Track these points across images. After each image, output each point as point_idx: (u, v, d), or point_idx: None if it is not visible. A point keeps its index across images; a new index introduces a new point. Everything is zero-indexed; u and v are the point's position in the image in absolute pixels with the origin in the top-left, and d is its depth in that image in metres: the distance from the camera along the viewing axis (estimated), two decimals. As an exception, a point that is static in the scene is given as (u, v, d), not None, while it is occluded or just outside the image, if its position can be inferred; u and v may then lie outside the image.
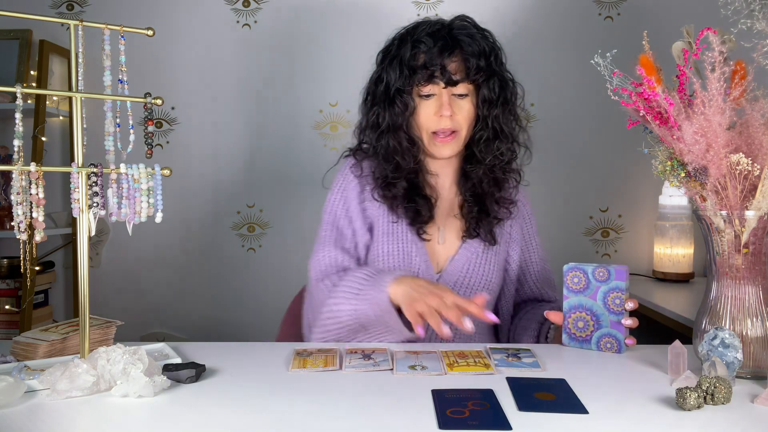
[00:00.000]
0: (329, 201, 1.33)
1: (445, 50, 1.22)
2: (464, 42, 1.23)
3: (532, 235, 1.41)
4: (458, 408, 0.82)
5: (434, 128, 1.25)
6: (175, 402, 0.85)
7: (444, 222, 1.33)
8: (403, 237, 1.28)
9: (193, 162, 2.23)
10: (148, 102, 0.94)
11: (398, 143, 1.27)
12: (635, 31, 2.10)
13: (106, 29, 0.94)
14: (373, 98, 1.30)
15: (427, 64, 1.22)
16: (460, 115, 1.25)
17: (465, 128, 1.26)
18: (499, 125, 1.27)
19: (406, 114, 1.25)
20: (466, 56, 1.23)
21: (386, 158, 1.28)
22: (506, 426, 0.76)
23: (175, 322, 2.27)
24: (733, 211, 0.94)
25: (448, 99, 1.23)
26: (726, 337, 0.90)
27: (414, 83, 1.24)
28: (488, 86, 1.25)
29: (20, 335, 1.06)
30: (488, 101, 1.26)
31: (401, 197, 1.28)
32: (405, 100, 1.25)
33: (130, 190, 0.92)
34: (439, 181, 1.34)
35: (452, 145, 1.27)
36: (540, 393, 0.88)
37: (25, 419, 0.79)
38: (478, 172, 1.30)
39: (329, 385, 0.91)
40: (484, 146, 1.29)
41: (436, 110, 1.24)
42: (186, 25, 2.22)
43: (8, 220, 2.06)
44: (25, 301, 1.95)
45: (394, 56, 1.27)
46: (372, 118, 1.29)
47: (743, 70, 0.95)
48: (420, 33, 1.26)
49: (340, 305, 1.15)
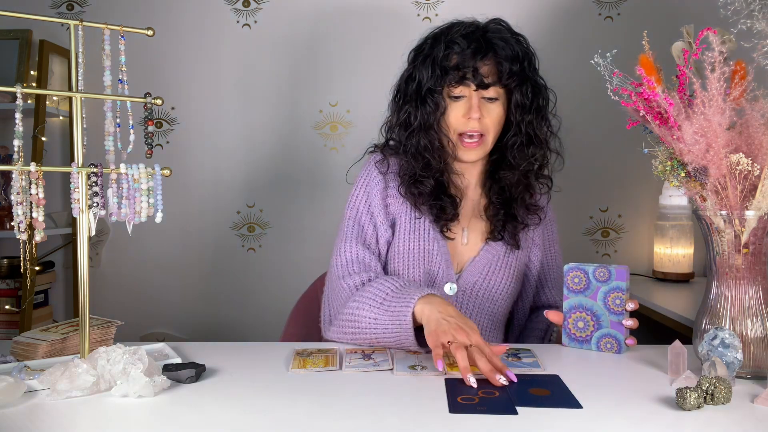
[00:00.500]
0: (352, 196, 1.32)
1: (478, 53, 1.21)
2: (498, 46, 1.23)
3: (552, 242, 1.40)
4: (469, 395, 0.86)
5: (462, 129, 1.24)
6: (175, 402, 0.85)
7: (468, 223, 1.32)
8: (425, 235, 1.27)
9: (193, 162, 2.23)
10: (148, 102, 0.94)
11: (429, 142, 1.26)
12: (635, 31, 2.09)
13: (106, 29, 0.94)
14: (404, 96, 1.29)
15: (460, 66, 1.21)
16: (488, 118, 1.24)
17: (492, 133, 1.26)
18: (533, 131, 1.27)
19: (437, 114, 1.25)
20: (500, 60, 1.22)
21: (416, 156, 1.27)
22: (513, 412, 0.80)
23: (175, 322, 2.27)
24: (733, 211, 0.94)
25: (477, 102, 1.22)
26: (726, 337, 0.90)
27: (445, 84, 1.23)
28: (521, 91, 1.24)
29: (20, 335, 1.06)
30: (521, 106, 1.25)
31: (427, 195, 1.27)
32: (436, 99, 1.24)
33: (130, 190, 0.92)
34: (464, 181, 1.33)
35: (478, 150, 1.26)
36: (534, 389, 0.89)
37: (25, 419, 0.79)
38: (512, 178, 1.29)
39: (329, 385, 0.91)
40: (518, 152, 1.28)
41: (465, 112, 1.23)
42: (186, 25, 2.22)
43: (8, 220, 2.06)
44: (25, 301, 1.95)
45: (427, 55, 1.26)
46: (403, 116, 1.28)
47: (743, 70, 0.95)
48: (454, 34, 1.24)
49: (362, 310, 1.13)
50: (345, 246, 1.26)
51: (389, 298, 1.11)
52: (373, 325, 1.11)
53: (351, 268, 1.23)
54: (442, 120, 1.25)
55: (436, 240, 1.27)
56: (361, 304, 1.14)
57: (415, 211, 1.28)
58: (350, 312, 1.15)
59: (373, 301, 1.12)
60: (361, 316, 1.13)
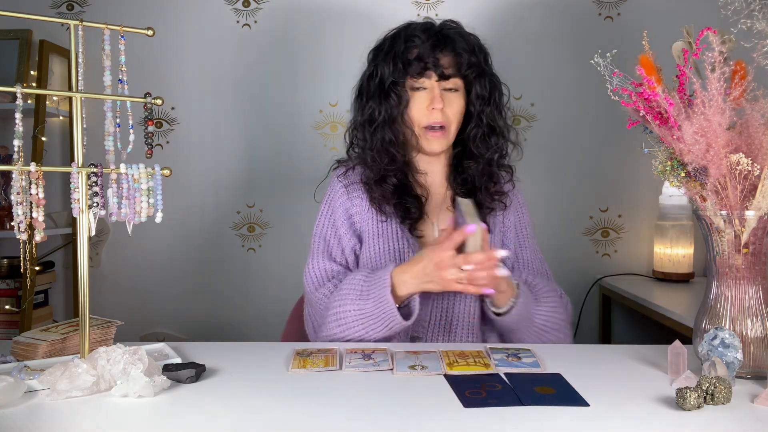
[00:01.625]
0: (318, 214, 1.38)
1: (438, 45, 1.27)
2: (456, 39, 1.29)
3: (525, 225, 1.42)
4: (474, 389, 0.88)
5: (425, 122, 1.29)
6: (175, 402, 0.85)
7: (438, 217, 1.35)
8: (393, 236, 1.30)
9: (193, 162, 2.23)
10: (148, 102, 0.94)
11: (394, 136, 1.30)
12: (635, 31, 2.09)
13: (106, 29, 0.94)
14: (366, 94, 1.34)
15: (421, 57, 1.27)
16: (450, 109, 1.29)
17: (454, 123, 1.31)
18: (493, 122, 1.32)
19: (401, 107, 1.29)
20: (459, 52, 1.28)
21: (381, 152, 1.31)
22: (520, 402, 0.83)
23: (175, 322, 2.27)
24: (733, 211, 0.94)
25: (439, 93, 1.27)
26: (726, 337, 0.90)
27: (408, 76, 1.28)
28: (480, 83, 1.30)
29: (20, 335, 1.06)
30: (481, 98, 1.31)
31: (390, 194, 1.30)
32: (399, 92, 1.29)
33: (130, 190, 0.92)
34: (429, 179, 1.37)
35: (442, 141, 1.30)
36: (540, 387, 0.89)
37: (25, 419, 0.79)
38: (477, 168, 1.33)
39: (329, 385, 0.91)
40: (481, 142, 1.33)
41: (428, 103, 1.28)
42: (186, 25, 2.22)
43: (8, 220, 2.06)
44: (25, 301, 1.95)
45: (388, 52, 1.31)
46: (368, 113, 1.32)
47: (743, 70, 0.95)
48: (413, 29, 1.31)
49: (344, 306, 1.18)
50: (313, 263, 1.32)
51: (366, 286, 1.17)
52: (359, 316, 1.16)
53: (321, 281, 1.29)
54: (405, 113, 1.30)
55: (406, 239, 1.30)
56: (341, 301, 1.19)
57: (380, 215, 1.31)
58: (334, 312, 1.19)
59: (352, 294, 1.18)
60: (346, 311, 1.17)
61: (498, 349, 1.10)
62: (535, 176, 2.19)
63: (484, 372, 0.96)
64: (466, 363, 1.00)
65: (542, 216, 2.18)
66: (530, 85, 2.20)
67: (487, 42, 1.36)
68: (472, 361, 1.01)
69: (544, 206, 2.18)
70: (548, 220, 2.19)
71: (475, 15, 2.16)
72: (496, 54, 1.38)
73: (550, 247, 2.18)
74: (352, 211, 1.34)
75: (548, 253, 1.46)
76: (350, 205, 1.34)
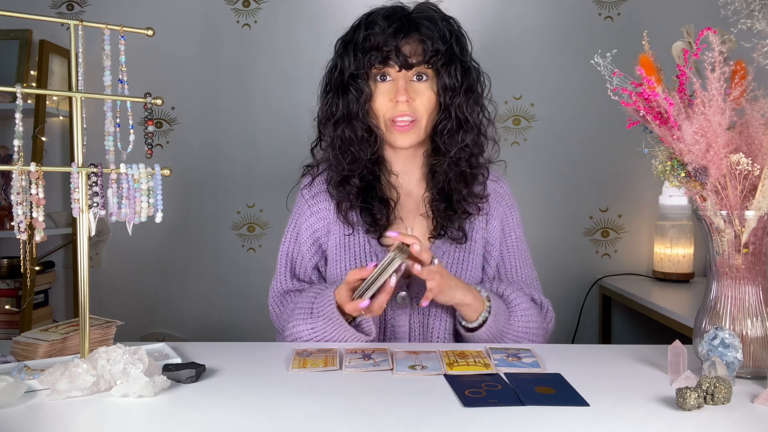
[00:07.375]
0: (285, 230, 1.34)
1: (400, 32, 1.16)
2: (422, 25, 1.18)
3: (512, 227, 1.30)
4: (475, 389, 0.87)
5: (391, 115, 1.19)
6: (175, 402, 0.85)
7: (413, 222, 1.26)
8: (360, 250, 1.22)
9: (193, 162, 2.23)
10: (148, 102, 0.94)
11: (354, 133, 1.21)
12: (635, 31, 2.10)
13: (106, 29, 0.94)
14: (328, 88, 1.25)
15: (381, 46, 1.16)
16: (418, 101, 1.19)
17: (425, 117, 1.20)
18: (463, 115, 1.20)
19: (362, 101, 1.19)
20: (423, 38, 1.17)
21: (341, 150, 1.22)
22: (520, 402, 0.82)
23: (175, 322, 2.27)
24: (733, 211, 0.94)
25: (404, 84, 1.17)
26: (726, 337, 0.90)
27: (367, 66, 1.18)
28: (449, 72, 1.18)
29: (20, 335, 1.05)
30: (450, 89, 1.19)
31: (354, 197, 1.22)
32: (360, 86, 1.19)
33: (130, 190, 0.92)
34: (403, 180, 1.27)
35: (411, 135, 1.20)
36: (540, 387, 0.89)
37: (25, 419, 0.79)
38: (443, 166, 1.22)
39: (329, 385, 0.91)
40: (448, 137, 1.21)
41: (393, 95, 1.18)
42: (186, 25, 2.22)
43: (8, 220, 2.06)
44: (25, 301, 1.95)
45: (349, 41, 1.22)
46: (326, 108, 1.24)
47: (743, 70, 0.95)
48: (375, 16, 1.21)
49: (298, 326, 1.16)
50: (275, 283, 1.32)
51: (316, 305, 1.14)
52: (312, 335, 1.14)
53: (282, 299, 1.28)
54: (369, 107, 1.20)
55: (375, 251, 1.21)
56: (294, 321, 1.17)
57: (346, 227, 1.24)
58: (290, 333, 1.18)
59: (303, 313, 1.16)
60: (299, 331, 1.16)
61: (498, 349, 1.10)
62: (535, 176, 2.19)
63: (484, 372, 0.96)
64: (466, 363, 1.00)
65: (542, 216, 2.18)
66: (530, 85, 2.20)
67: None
68: (472, 361, 1.01)
69: (543, 206, 2.18)
70: (548, 220, 2.19)
71: (475, 15, 2.16)
72: (497, 54, 1.38)
73: (550, 247, 2.19)
74: (316, 227, 1.28)
75: (548, 253, 1.46)
76: (314, 220, 1.28)
